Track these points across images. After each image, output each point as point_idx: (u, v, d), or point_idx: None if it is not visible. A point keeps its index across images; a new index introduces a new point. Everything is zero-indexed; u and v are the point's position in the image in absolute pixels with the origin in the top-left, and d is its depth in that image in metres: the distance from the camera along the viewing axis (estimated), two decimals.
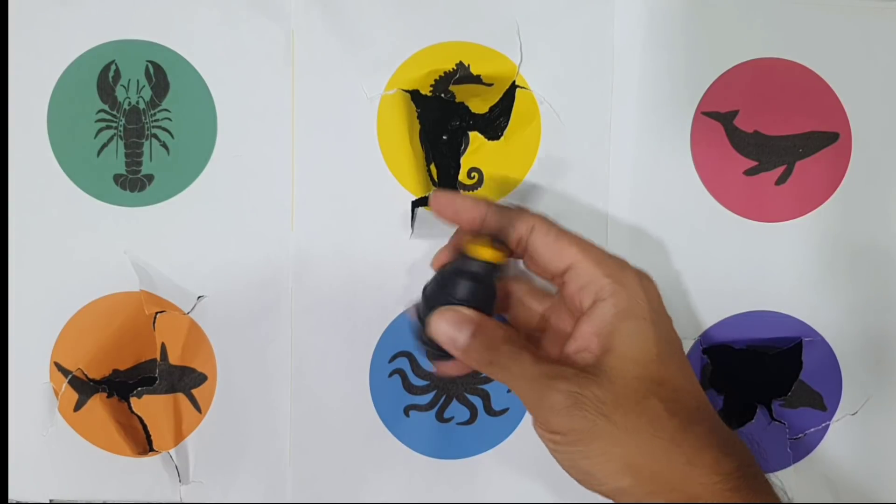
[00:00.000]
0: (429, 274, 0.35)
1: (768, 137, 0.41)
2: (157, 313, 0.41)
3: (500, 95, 0.41)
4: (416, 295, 0.34)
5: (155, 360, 0.42)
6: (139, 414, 0.41)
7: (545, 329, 0.35)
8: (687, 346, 0.42)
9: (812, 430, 0.42)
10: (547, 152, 0.41)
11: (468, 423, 0.42)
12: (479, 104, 0.42)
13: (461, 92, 0.41)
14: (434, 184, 0.42)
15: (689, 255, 0.41)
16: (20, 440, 0.42)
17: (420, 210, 0.42)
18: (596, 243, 0.33)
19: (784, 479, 0.42)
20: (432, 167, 0.42)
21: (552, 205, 0.41)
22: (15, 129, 0.41)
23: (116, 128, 0.41)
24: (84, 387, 0.42)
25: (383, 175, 0.41)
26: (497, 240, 0.34)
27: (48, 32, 0.41)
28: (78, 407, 0.42)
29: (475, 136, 0.40)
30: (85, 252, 0.41)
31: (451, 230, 0.41)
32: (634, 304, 0.32)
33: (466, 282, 0.32)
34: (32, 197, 0.41)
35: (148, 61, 0.41)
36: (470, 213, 0.34)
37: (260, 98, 0.41)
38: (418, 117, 0.41)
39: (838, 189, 0.41)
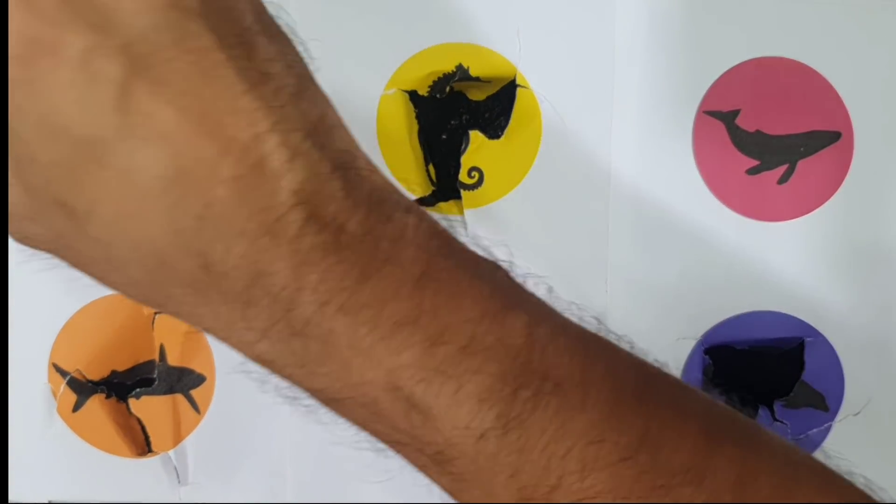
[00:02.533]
0: None
1: (770, 136, 0.41)
2: (155, 314, 0.41)
3: (499, 88, 0.41)
4: None
5: (153, 360, 0.42)
6: (138, 415, 0.42)
7: None
8: (689, 346, 0.41)
9: (814, 430, 0.41)
10: (548, 151, 0.41)
11: None
12: (478, 94, 0.42)
13: (459, 86, 0.41)
14: (433, 183, 0.42)
15: (690, 255, 0.41)
16: (19, 441, 0.42)
17: None
18: None
19: None
20: (430, 167, 0.42)
21: (553, 204, 0.41)
22: None
23: None
24: (83, 388, 0.42)
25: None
26: None
27: None
28: (77, 408, 0.42)
29: (475, 136, 0.40)
30: None
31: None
32: None
33: None
34: None
35: None
36: None
37: None
38: (416, 117, 0.41)
39: (840, 188, 0.41)
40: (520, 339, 0.20)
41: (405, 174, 0.41)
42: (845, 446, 0.41)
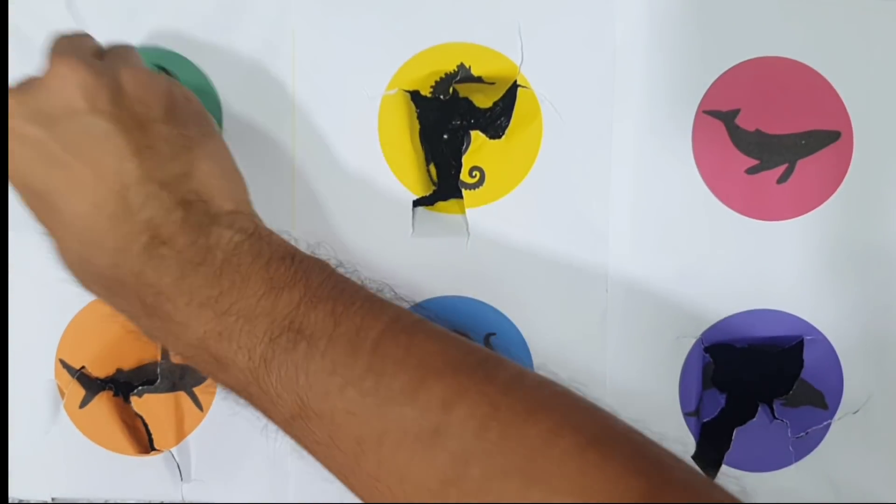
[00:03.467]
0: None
1: (770, 136, 0.41)
2: None
3: (503, 93, 0.41)
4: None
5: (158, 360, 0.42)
6: (140, 413, 0.42)
7: None
8: (689, 344, 0.42)
9: (813, 428, 0.42)
10: (548, 151, 0.41)
11: None
12: (483, 100, 0.42)
13: (464, 89, 0.42)
14: (434, 183, 0.42)
15: (690, 254, 0.41)
16: (22, 438, 0.42)
17: (421, 209, 0.42)
18: None
19: (786, 478, 0.42)
20: (431, 167, 0.42)
21: (553, 203, 0.41)
22: None
23: None
24: (91, 384, 0.42)
25: (384, 174, 0.41)
26: None
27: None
28: (83, 404, 0.42)
29: (476, 136, 0.40)
30: None
31: (452, 232, 0.41)
32: None
33: None
34: None
35: (153, 65, 0.41)
36: None
37: (262, 98, 0.41)
38: (418, 117, 0.42)
39: (840, 187, 0.41)
40: (288, 308, 0.28)
41: (406, 174, 0.41)
42: (844, 444, 0.42)
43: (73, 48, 0.32)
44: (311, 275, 0.29)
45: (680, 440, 0.42)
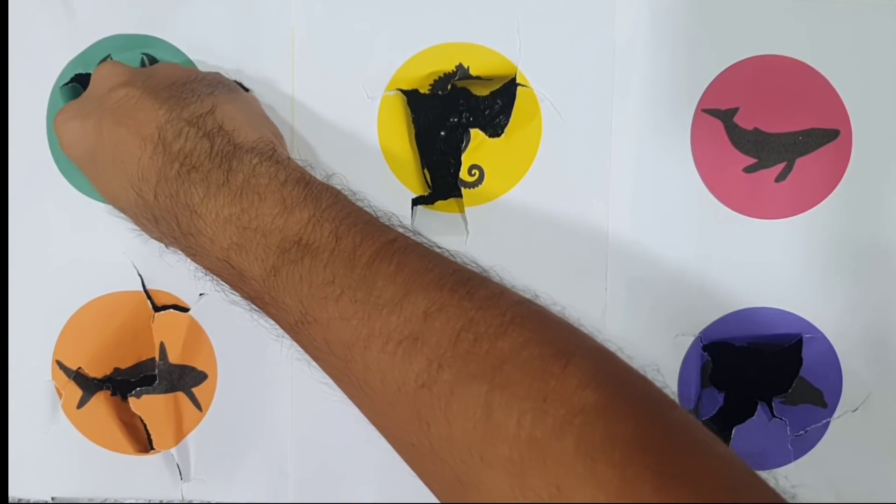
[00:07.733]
0: None
1: (768, 135, 0.41)
2: (155, 311, 0.41)
3: (501, 85, 0.41)
4: None
5: (155, 358, 0.42)
6: (139, 414, 0.42)
7: None
8: (687, 343, 0.42)
9: (813, 426, 0.42)
10: (548, 149, 0.41)
11: None
12: (481, 90, 0.42)
13: (462, 83, 0.42)
14: (429, 186, 0.42)
15: (688, 253, 0.41)
16: (21, 438, 0.42)
17: (420, 208, 0.42)
18: None
19: (785, 477, 0.42)
20: (426, 172, 0.42)
21: (553, 201, 0.41)
22: (15, 128, 0.41)
23: None
24: (88, 384, 0.42)
25: (384, 174, 0.41)
26: None
27: (48, 31, 0.41)
28: (81, 404, 0.42)
29: (476, 134, 0.40)
30: (83, 252, 0.42)
31: (452, 231, 0.41)
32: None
33: None
34: (31, 196, 0.42)
35: (143, 54, 0.41)
36: None
37: (261, 97, 0.41)
38: (413, 122, 0.42)
39: (838, 186, 0.41)
40: (298, 226, 0.31)
41: (406, 173, 0.41)
42: (843, 443, 0.42)
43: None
44: (322, 198, 0.32)
45: None
